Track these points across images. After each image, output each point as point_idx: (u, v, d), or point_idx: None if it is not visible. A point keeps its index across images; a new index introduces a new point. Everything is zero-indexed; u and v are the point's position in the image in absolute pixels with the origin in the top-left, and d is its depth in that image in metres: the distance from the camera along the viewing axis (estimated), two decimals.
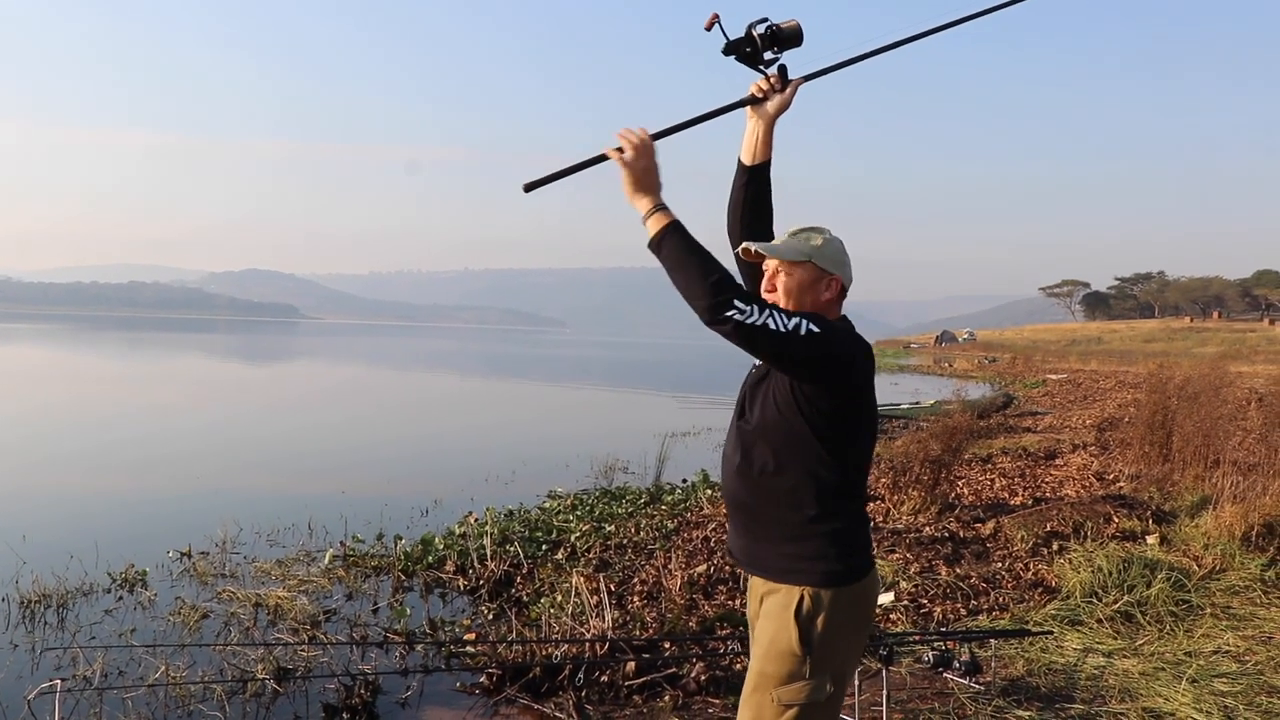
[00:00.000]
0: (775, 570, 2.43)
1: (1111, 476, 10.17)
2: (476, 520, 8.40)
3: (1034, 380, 34.20)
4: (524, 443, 16.93)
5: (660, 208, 2.34)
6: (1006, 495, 9.33)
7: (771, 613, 2.41)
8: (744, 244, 2.53)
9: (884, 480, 8.88)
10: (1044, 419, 19.10)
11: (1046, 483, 10.15)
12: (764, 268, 2.52)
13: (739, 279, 2.35)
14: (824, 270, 2.47)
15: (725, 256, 2.55)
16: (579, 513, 9.10)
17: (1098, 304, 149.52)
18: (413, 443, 16.74)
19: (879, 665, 4.34)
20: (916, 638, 5.07)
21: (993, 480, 10.32)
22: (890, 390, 29.09)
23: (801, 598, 2.35)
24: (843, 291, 2.52)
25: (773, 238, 2.63)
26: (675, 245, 2.29)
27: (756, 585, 2.51)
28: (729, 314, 2.19)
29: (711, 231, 2.68)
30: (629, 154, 2.36)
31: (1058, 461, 11.88)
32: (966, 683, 4.57)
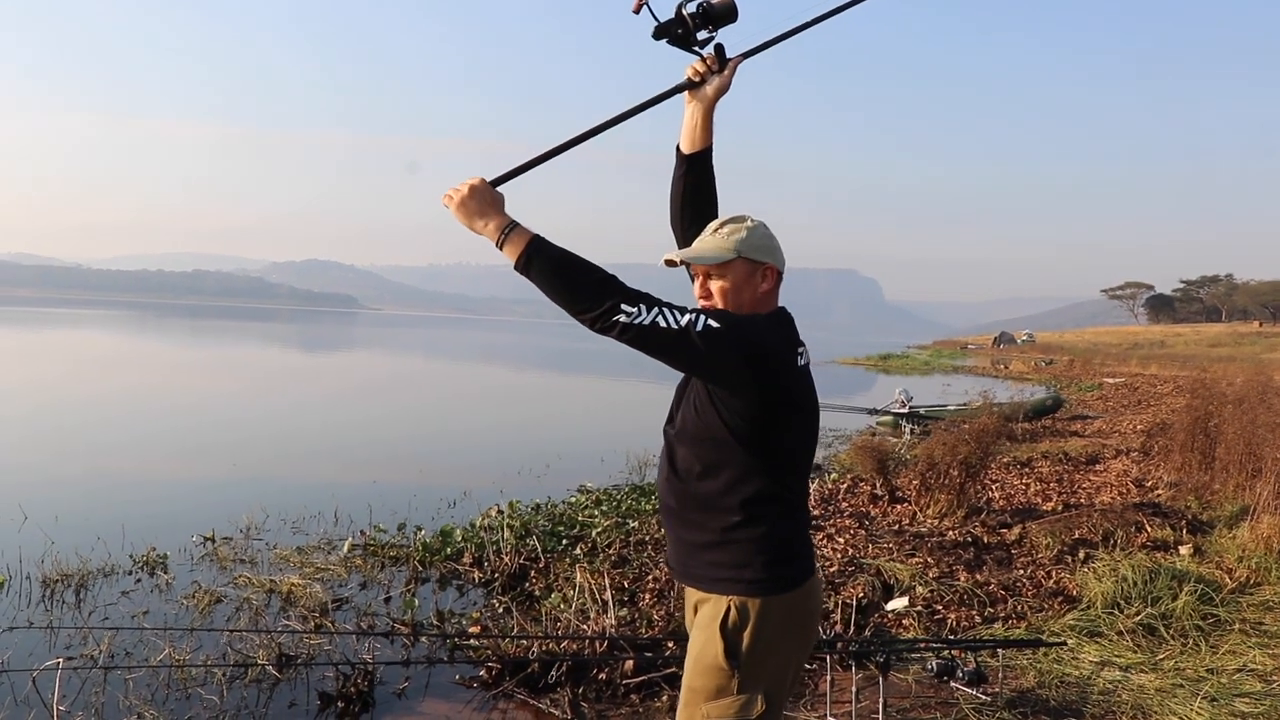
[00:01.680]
0: (704, 579, 2.33)
1: (1151, 483, 9.89)
2: (499, 513, 8.41)
3: (1089, 383, 33.52)
4: (562, 436, 16.92)
5: (511, 227, 2.20)
6: (1039, 500, 9.10)
7: (701, 624, 2.31)
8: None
9: (914, 483, 8.73)
10: (1094, 423, 18.69)
11: (1083, 488, 9.90)
12: (693, 274, 2.39)
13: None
14: (756, 261, 2.33)
15: (671, 250, 2.45)
16: (604, 508, 9.04)
17: (1162, 307, 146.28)
18: (451, 434, 16.83)
19: (877, 672, 4.23)
20: (922, 645, 4.95)
21: (1027, 485, 10.08)
22: (942, 391, 28.67)
23: (728, 609, 2.25)
24: (778, 278, 2.38)
25: None
26: (543, 259, 2.16)
27: (690, 595, 2.42)
28: (615, 318, 2.08)
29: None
30: (453, 200, 2.25)
31: (1098, 467, 11.60)
32: (972, 693, 4.44)
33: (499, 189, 2.28)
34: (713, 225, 2.38)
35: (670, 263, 2.40)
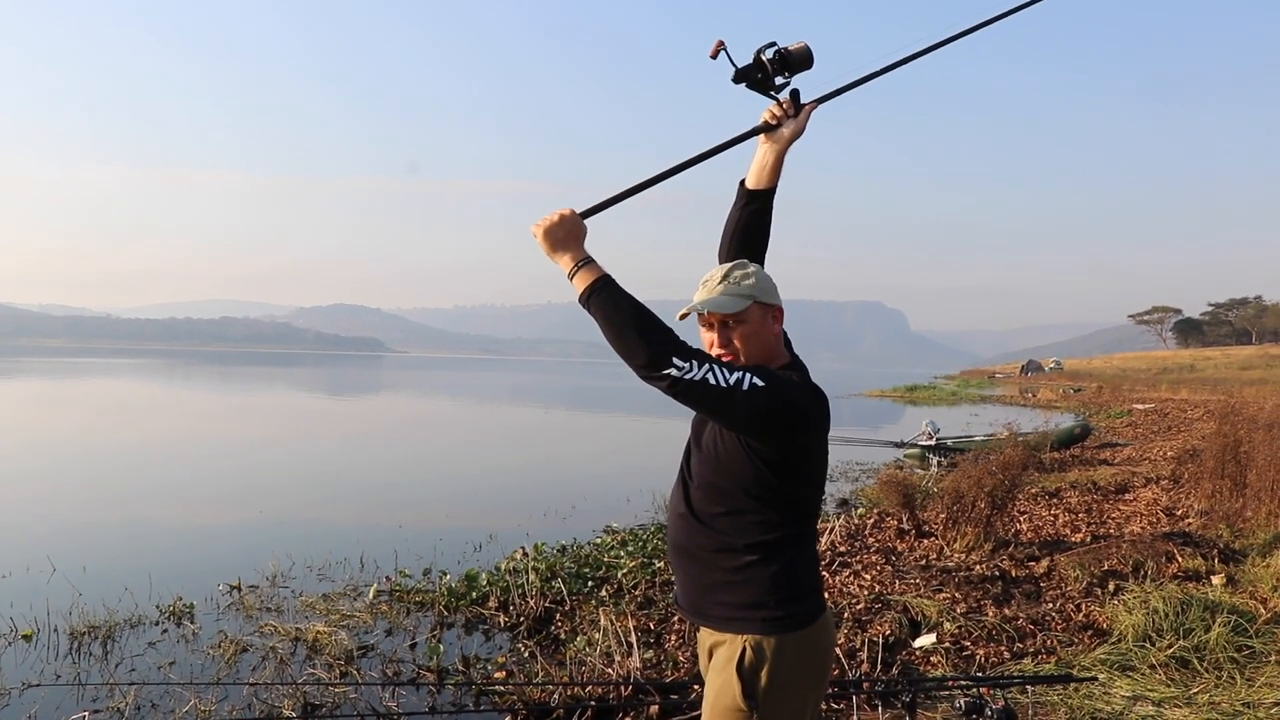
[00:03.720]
0: (718, 619, 2.35)
1: (1181, 512, 9.76)
2: (524, 555, 8.40)
3: (1119, 410, 33.16)
4: (588, 477, 16.93)
5: (585, 263, 2.25)
6: (1068, 531, 9.00)
7: (717, 667, 2.32)
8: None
9: (941, 516, 8.65)
10: (1123, 451, 18.49)
11: (1112, 518, 9.77)
12: (707, 323, 2.40)
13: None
14: (767, 304, 2.37)
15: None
16: (630, 549, 8.99)
17: (1190, 331, 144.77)
18: (477, 476, 16.82)
19: (905, 712, 4.18)
20: (949, 683, 4.88)
21: (1055, 516, 9.96)
22: (969, 422, 28.51)
23: (744, 649, 2.26)
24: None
25: (763, 264, 2.56)
26: (605, 299, 2.20)
27: (704, 637, 2.43)
28: (666, 370, 2.11)
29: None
30: (541, 225, 2.30)
31: (1127, 496, 11.46)
32: None
33: (585, 221, 2.34)
34: (719, 273, 2.40)
35: (697, 315, 2.42)
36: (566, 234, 2.29)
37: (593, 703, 4.78)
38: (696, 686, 5.01)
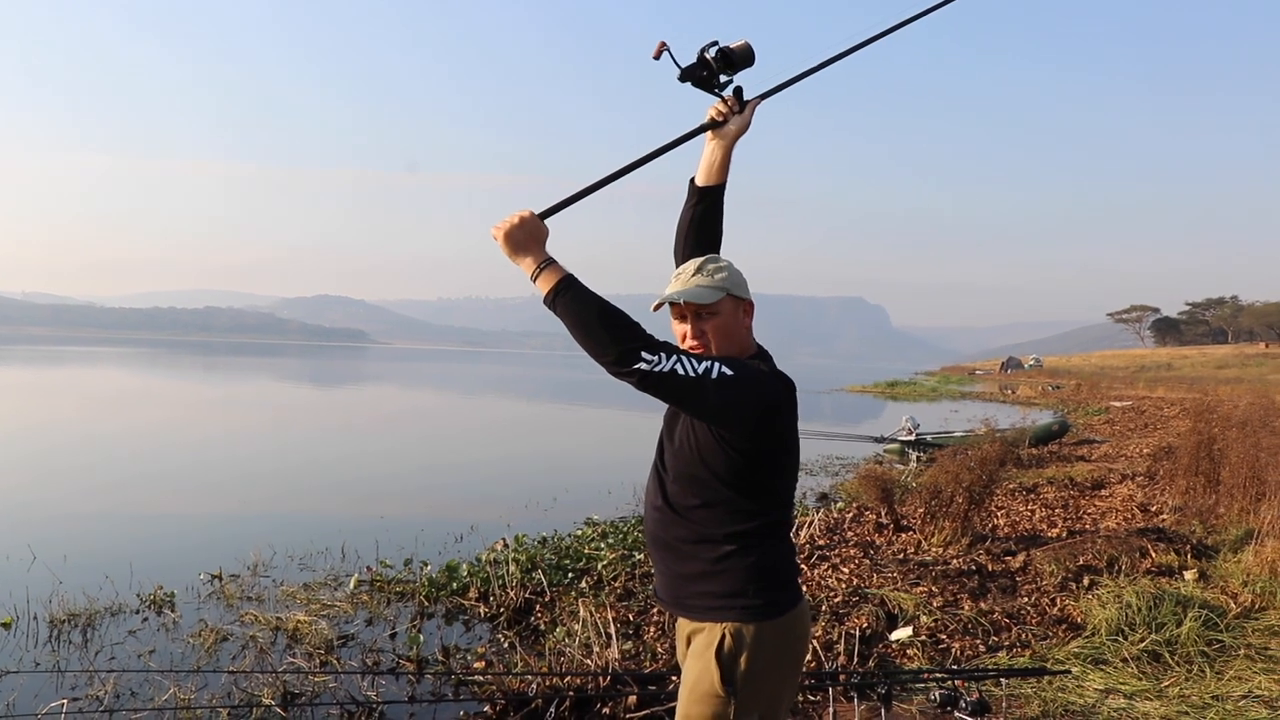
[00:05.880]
0: (697, 609, 2.38)
1: (1156, 508, 9.87)
2: (505, 547, 8.43)
3: (1096, 407, 33.41)
4: (570, 469, 16.95)
5: (547, 264, 2.27)
6: (1045, 527, 9.09)
7: (696, 652, 2.36)
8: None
9: (919, 511, 8.73)
10: (1100, 447, 18.64)
11: (1088, 514, 9.87)
12: (680, 314, 2.43)
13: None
14: (739, 298, 2.42)
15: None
16: (610, 541, 9.03)
17: (1168, 330, 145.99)
18: (459, 468, 16.84)
19: (880, 704, 4.23)
20: (925, 675, 4.94)
21: (1032, 511, 10.06)
22: (948, 418, 28.67)
23: (723, 635, 2.30)
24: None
25: None
26: (570, 298, 2.23)
27: (682, 626, 2.47)
28: (636, 365, 2.14)
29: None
30: (501, 229, 2.31)
31: (1103, 492, 11.57)
32: None
33: (545, 221, 2.35)
34: (693, 265, 2.44)
35: (669, 306, 2.45)
36: (527, 236, 2.30)
37: (571, 693, 4.81)
38: (674, 678, 5.04)
